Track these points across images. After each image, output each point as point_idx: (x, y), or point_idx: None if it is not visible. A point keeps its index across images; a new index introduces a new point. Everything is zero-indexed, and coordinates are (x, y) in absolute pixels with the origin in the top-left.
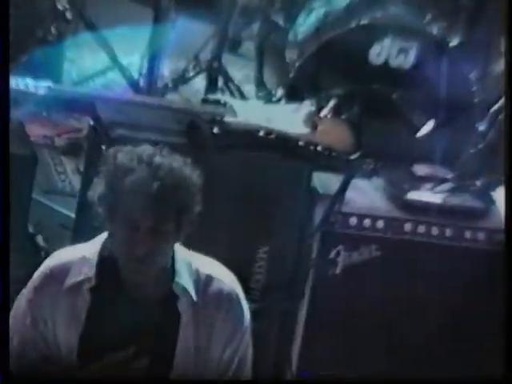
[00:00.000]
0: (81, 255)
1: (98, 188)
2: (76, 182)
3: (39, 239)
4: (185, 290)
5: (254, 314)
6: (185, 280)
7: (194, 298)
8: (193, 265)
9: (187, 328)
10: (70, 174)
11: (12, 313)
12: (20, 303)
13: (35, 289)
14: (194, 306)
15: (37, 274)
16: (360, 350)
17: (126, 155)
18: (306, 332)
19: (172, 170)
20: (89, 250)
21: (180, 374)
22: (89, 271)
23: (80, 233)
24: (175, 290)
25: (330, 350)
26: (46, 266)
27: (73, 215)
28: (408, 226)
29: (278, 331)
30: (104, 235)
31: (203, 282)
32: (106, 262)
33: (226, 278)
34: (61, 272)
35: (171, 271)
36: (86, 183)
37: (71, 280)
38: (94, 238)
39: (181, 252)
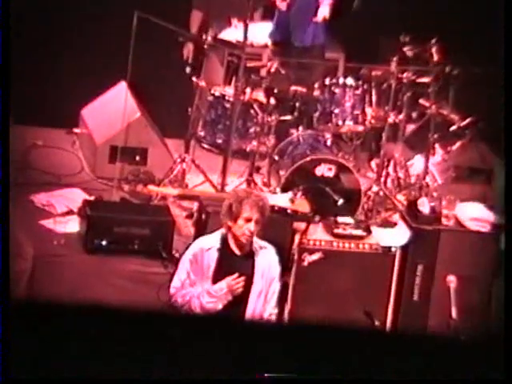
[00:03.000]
0: (210, 238)
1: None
2: (192, 230)
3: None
4: (260, 247)
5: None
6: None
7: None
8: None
9: (258, 272)
10: (190, 227)
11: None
12: (180, 268)
13: (190, 260)
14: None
15: (190, 251)
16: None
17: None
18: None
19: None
20: (212, 236)
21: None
22: (216, 243)
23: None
24: (255, 246)
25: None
26: (192, 249)
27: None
28: (335, 243)
29: None
30: (219, 231)
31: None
32: (223, 239)
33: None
34: (203, 246)
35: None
36: (196, 228)
37: (208, 246)
38: None
39: None
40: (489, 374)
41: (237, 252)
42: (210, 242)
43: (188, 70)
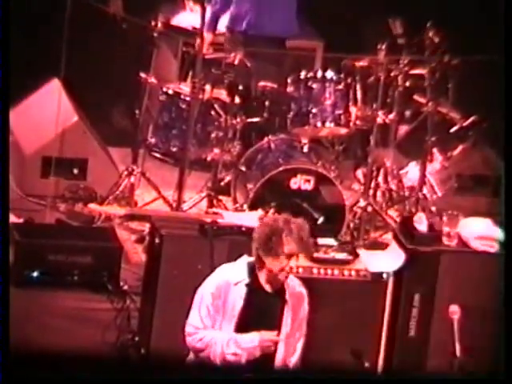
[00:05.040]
0: (237, 269)
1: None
2: (143, 256)
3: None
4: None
5: None
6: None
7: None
8: None
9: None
10: (140, 253)
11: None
12: (197, 301)
13: (213, 294)
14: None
15: (212, 283)
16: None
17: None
18: None
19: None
20: (238, 266)
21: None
22: (245, 276)
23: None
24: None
25: None
26: (216, 281)
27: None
28: (315, 270)
29: None
30: (243, 260)
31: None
32: (251, 271)
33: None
34: (229, 279)
35: None
36: (149, 255)
37: (236, 280)
38: None
39: None
40: None
41: (267, 288)
42: (238, 275)
43: (123, 25)
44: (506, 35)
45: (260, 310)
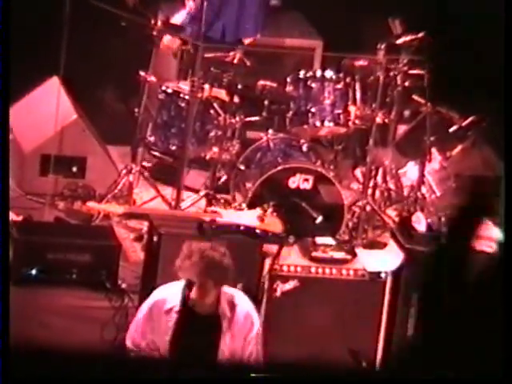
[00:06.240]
0: (171, 292)
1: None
2: (142, 255)
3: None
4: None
5: None
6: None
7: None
8: None
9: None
10: (138, 251)
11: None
12: (133, 326)
13: (145, 317)
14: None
15: (146, 305)
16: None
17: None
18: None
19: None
20: (174, 289)
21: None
22: (176, 301)
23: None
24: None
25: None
26: (152, 300)
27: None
28: (313, 269)
29: None
30: (181, 282)
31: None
32: (184, 295)
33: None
34: (161, 303)
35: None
36: (147, 253)
37: (167, 306)
38: None
39: None
40: None
41: (200, 311)
42: (170, 300)
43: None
44: (505, 35)
45: (194, 335)
